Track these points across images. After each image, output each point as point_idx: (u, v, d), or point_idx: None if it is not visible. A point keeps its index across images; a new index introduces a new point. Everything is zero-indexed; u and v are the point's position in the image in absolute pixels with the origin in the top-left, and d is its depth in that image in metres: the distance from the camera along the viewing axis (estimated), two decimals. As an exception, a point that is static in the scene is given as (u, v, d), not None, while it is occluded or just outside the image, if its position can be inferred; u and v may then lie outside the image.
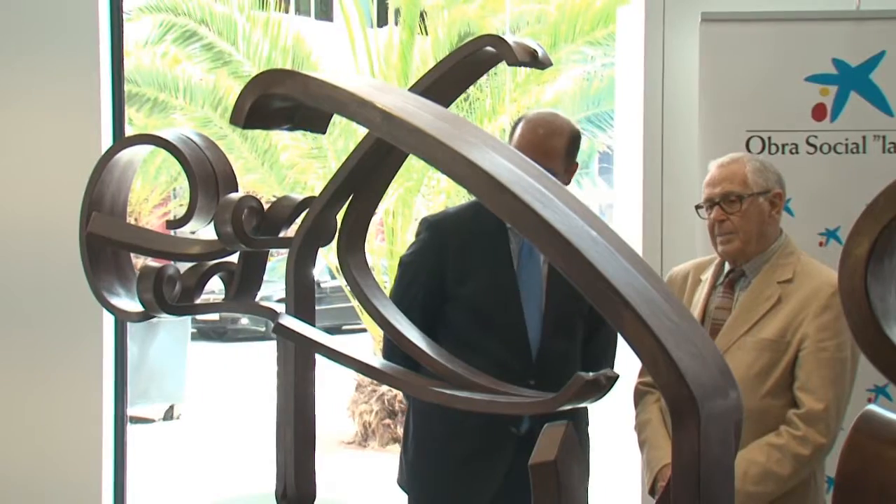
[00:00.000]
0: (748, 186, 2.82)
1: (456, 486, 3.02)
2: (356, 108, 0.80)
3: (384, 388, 9.31)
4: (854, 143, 4.00)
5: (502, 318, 2.97)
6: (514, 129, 3.00)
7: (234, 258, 1.30)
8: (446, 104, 1.09)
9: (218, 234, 1.21)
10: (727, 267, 2.92)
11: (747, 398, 0.92)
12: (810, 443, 2.67)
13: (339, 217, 1.22)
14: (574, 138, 2.99)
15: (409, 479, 3.12)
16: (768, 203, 2.83)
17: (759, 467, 2.64)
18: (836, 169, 3.97)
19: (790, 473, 2.67)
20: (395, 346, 1.18)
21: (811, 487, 2.77)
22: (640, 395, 3.05)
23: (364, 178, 1.16)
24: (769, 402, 2.72)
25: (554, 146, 2.94)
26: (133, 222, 1.92)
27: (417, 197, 10.02)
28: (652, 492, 2.92)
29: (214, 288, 1.36)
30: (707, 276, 2.95)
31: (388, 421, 9.43)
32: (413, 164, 8.72)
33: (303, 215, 1.22)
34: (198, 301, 1.33)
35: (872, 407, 0.78)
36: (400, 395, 9.08)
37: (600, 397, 0.85)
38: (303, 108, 0.94)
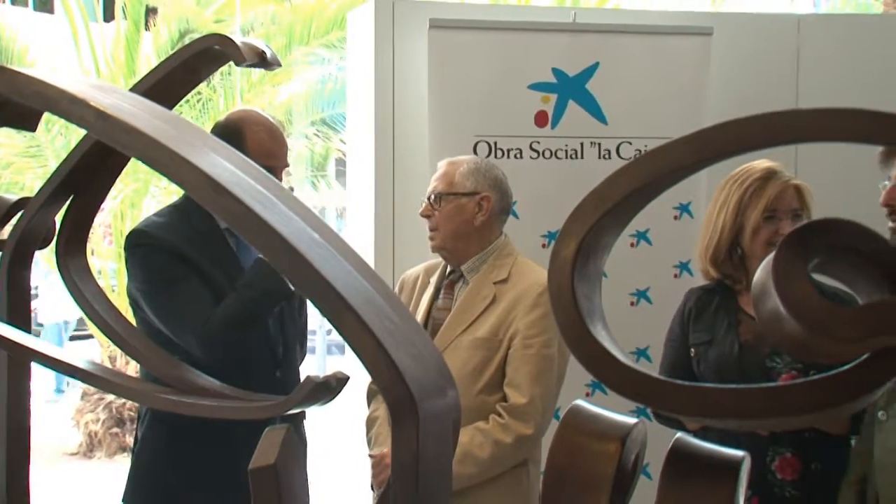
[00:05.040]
0: (453, 186, 2.92)
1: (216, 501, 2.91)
2: (68, 105, 0.77)
3: (112, 395, 8.98)
4: (573, 149, 4.21)
5: None
6: (236, 132, 2.92)
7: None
8: (171, 104, 1.06)
9: (-83, 238, 1.13)
10: (450, 269, 3.01)
11: (462, 396, 0.95)
12: (512, 431, 2.78)
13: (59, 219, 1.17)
14: None
15: (158, 499, 2.98)
16: (475, 205, 2.92)
17: (461, 448, 2.71)
18: (557, 174, 4.16)
19: (489, 458, 2.77)
20: None
21: (524, 480, 2.89)
22: (371, 394, 3.10)
23: (84, 179, 1.11)
24: (483, 399, 2.82)
25: (285, 143, 3.04)
26: None
27: (146, 199, 9.72)
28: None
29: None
30: (435, 278, 3.03)
31: (115, 430, 9.09)
32: (141, 165, 8.45)
33: (18, 217, 1.17)
34: None
35: (579, 402, 0.82)
36: (129, 402, 8.79)
37: (331, 399, 0.85)
38: (10, 104, 0.90)
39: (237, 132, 2.91)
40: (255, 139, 2.91)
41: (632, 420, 0.81)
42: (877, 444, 2.68)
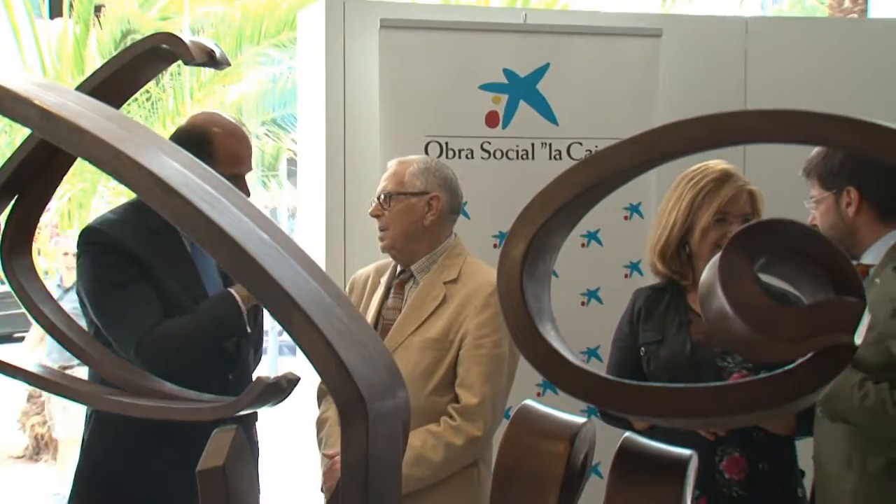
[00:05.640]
0: (402, 186, 2.92)
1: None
2: (11, 104, 0.76)
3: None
4: (524, 149, 4.22)
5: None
6: (203, 138, 2.87)
7: None
8: (118, 103, 1.05)
9: None
10: (400, 268, 3.00)
11: (413, 397, 0.95)
12: (463, 433, 2.78)
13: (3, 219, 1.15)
14: None
15: (105, 500, 2.93)
16: (424, 204, 2.92)
17: (414, 451, 2.72)
18: (508, 174, 4.17)
19: (441, 460, 2.77)
20: None
21: (474, 480, 2.89)
22: (322, 395, 3.08)
23: (29, 178, 1.10)
24: (434, 400, 2.81)
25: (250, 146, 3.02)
26: None
27: (94, 199, 9.61)
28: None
29: None
30: (385, 278, 3.02)
31: (63, 432, 8.98)
32: (88, 164, 8.36)
33: (-40, 217, 1.15)
34: None
35: (528, 402, 0.82)
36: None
37: (281, 400, 0.85)
38: (-49, 103, 0.88)
39: (204, 137, 2.85)
40: (223, 145, 2.86)
41: (581, 419, 0.81)
42: (815, 440, 2.72)
